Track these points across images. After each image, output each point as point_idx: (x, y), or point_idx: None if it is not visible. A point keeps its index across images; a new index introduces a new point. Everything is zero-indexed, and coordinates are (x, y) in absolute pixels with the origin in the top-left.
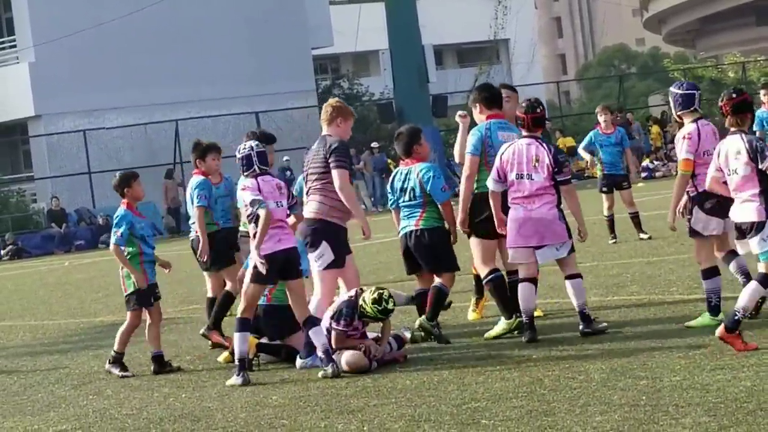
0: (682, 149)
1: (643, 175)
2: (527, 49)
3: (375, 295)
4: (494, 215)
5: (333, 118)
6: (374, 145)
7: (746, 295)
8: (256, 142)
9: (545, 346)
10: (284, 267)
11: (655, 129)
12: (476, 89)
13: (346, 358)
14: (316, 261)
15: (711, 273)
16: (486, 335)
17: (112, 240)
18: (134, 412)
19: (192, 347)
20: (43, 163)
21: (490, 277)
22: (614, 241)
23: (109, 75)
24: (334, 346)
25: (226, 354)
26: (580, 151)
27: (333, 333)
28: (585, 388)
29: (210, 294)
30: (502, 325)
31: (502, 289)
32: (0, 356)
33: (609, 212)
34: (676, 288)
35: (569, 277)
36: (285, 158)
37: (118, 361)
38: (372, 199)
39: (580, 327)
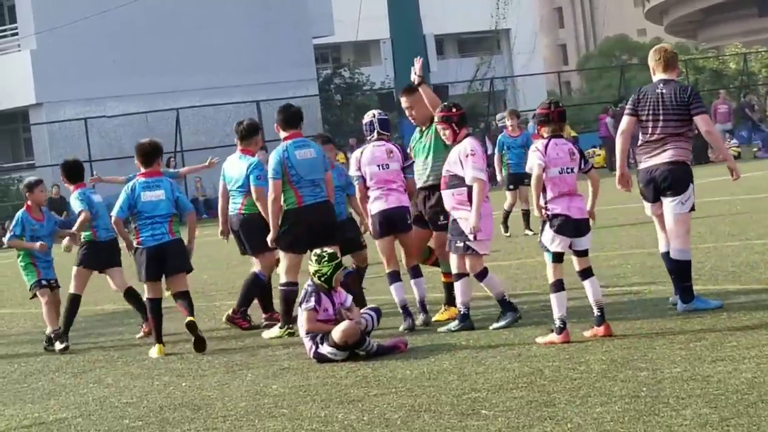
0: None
1: None
2: (528, 39)
3: (311, 258)
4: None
5: (675, 63)
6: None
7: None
8: (379, 111)
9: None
10: (393, 222)
11: None
12: (278, 110)
13: (335, 331)
14: (682, 204)
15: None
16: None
17: (6, 237)
18: (134, 400)
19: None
20: (44, 150)
21: (284, 288)
22: (508, 235)
23: (110, 63)
24: (306, 328)
25: (158, 347)
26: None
27: (302, 314)
28: (585, 379)
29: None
30: (275, 331)
31: (290, 301)
32: (0, 344)
33: (510, 208)
34: None
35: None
36: None
37: (58, 337)
38: None
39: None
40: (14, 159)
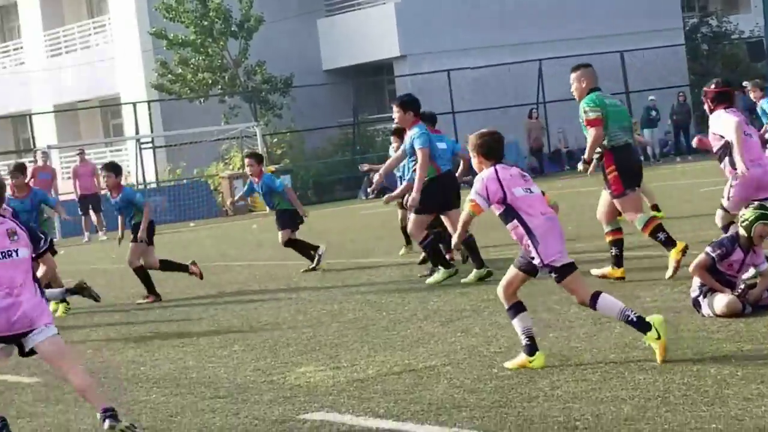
0: None
1: None
2: None
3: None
4: None
5: None
6: (745, 84)
7: None
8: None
9: None
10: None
11: None
12: None
13: (719, 302)
14: None
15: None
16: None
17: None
18: (502, 350)
19: None
20: None
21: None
22: None
23: (473, 15)
24: (693, 266)
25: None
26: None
27: (702, 255)
28: None
29: None
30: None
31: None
32: (369, 292)
33: None
34: None
35: None
36: (650, 98)
37: None
38: None
39: None
40: (378, 111)
